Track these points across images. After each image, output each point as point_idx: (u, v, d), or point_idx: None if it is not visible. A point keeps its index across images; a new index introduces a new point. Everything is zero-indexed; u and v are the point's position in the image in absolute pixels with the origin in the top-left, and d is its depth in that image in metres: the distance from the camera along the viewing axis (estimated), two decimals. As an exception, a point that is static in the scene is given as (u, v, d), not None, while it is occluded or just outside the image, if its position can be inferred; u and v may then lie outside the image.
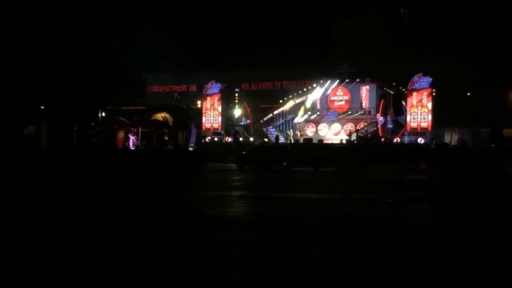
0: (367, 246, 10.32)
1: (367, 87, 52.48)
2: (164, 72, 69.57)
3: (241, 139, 51.39)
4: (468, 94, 54.14)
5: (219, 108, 53.88)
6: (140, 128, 39.56)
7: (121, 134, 40.03)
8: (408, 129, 47.61)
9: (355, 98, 52.71)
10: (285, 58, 61.52)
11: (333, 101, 53.64)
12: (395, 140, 47.86)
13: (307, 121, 53.96)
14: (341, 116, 52.36)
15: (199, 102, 57.13)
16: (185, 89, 70.51)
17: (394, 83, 50.91)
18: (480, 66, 53.95)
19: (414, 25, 63.76)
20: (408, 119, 47.68)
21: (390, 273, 8.44)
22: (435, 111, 46.85)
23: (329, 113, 52.59)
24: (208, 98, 54.44)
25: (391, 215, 14.63)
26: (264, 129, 54.93)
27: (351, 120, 52.13)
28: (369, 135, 49.19)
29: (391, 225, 12.85)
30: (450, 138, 49.09)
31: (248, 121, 55.48)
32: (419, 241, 10.92)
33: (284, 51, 61.66)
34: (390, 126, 50.70)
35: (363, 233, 11.78)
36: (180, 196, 19.29)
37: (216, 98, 54.06)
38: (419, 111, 46.90)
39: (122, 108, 56.60)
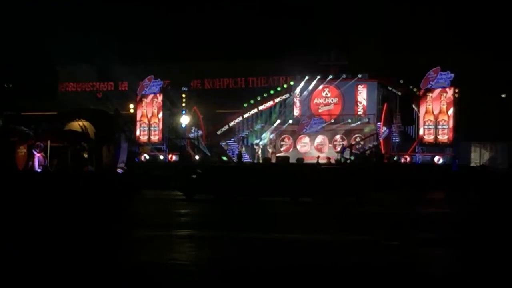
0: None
1: (365, 85, 52.73)
2: (84, 63, 68.79)
3: (190, 157, 51.28)
4: (503, 95, 54.66)
5: (160, 115, 53.59)
6: (49, 142, 39.26)
7: (22, 150, 39.65)
8: (422, 143, 47.84)
9: (348, 101, 52.90)
10: (251, 44, 61.61)
11: (318, 104, 53.85)
12: (403, 159, 48.03)
13: (282, 132, 54.03)
14: (328, 125, 52.49)
15: (131, 105, 56.90)
16: (113, 88, 70.42)
17: (401, 81, 51.22)
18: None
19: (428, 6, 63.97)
20: (421, 130, 47.85)
21: None
22: (458, 119, 46.94)
23: (312, 122, 52.56)
24: (144, 100, 54.11)
25: (398, 263, 14.62)
26: (223, 143, 54.82)
27: (342, 132, 52.32)
28: (368, 152, 49.34)
29: (398, 277, 12.84)
30: (479, 156, 49.47)
31: (200, 132, 55.29)
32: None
33: (248, 35, 61.73)
34: (396, 139, 50.97)
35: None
36: (101, 236, 19.04)
37: (156, 100, 53.76)
38: (437, 119, 47.03)
39: (23, 114, 56.20)
